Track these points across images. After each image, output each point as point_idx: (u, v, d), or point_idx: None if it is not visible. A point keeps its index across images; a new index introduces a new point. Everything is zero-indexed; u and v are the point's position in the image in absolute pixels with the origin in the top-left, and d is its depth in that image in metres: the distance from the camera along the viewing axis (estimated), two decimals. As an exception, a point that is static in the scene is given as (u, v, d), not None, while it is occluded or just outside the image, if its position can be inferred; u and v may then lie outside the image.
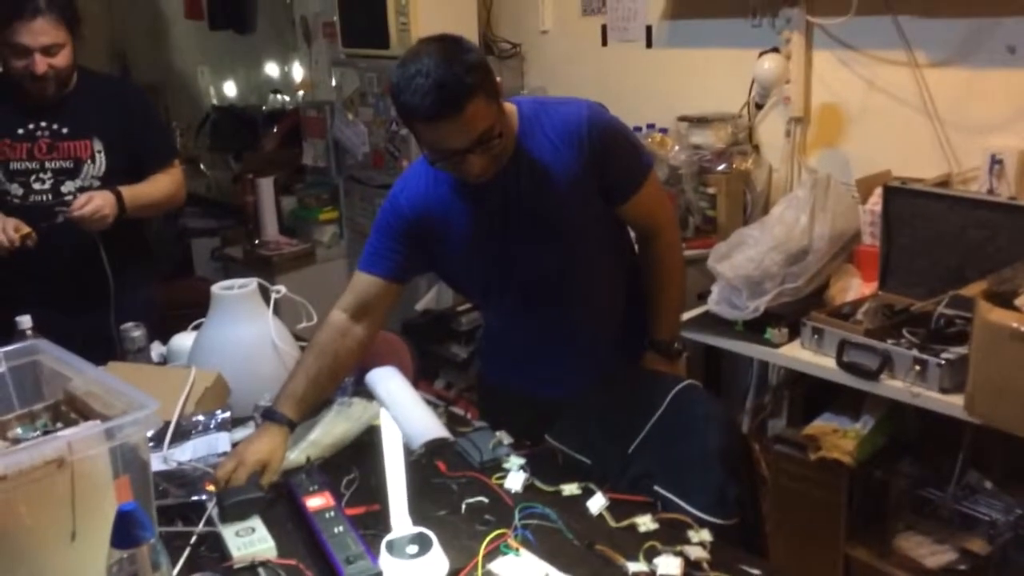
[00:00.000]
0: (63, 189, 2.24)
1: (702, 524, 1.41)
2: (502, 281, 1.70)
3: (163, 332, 2.15)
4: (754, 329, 2.24)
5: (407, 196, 1.69)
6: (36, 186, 2.22)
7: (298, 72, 4.54)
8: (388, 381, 1.39)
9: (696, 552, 1.32)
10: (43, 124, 2.22)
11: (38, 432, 1.39)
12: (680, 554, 1.31)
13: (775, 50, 2.57)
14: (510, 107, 1.62)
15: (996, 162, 2.17)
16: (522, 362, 1.79)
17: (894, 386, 1.96)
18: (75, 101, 2.25)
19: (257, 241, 3.86)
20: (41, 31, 2.10)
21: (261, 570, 1.31)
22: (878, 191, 2.27)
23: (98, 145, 2.26)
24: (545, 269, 1.66)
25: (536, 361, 1.77)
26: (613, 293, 1.77)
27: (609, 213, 1.69)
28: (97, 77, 2.38)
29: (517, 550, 1.32)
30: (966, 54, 2.25)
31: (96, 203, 2.14)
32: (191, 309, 2.09)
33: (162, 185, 2.36)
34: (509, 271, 1.68)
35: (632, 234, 1.83)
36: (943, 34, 2.28)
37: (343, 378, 1.73)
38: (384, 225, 1.71)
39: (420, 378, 2.83)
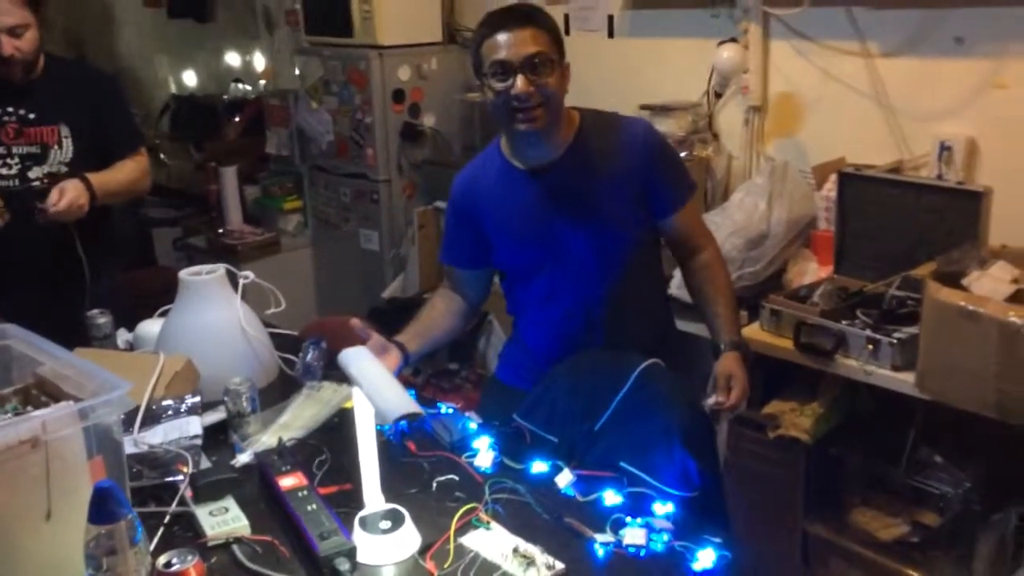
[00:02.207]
0: (30, 175, 2.22)
1: (666, 498, 1.46)
2: (540, 269, 1.82)
3: (129, 321, 2.15)
4: (715, 312, 2.29)
5: (460, 180, 1.89)
6: (3, 171, 2.20)
7: (260, 61, 4.51)
8: (360, 360, 1.41)
9: (661, 523, 1.37)
10: (10, 109, 2.21)
11: (8, 415, 1.39)
12: (645, 525, 1.36)
13: (734, 40, 2.62)
14: (573, 112, 1.79)
15: (945, 148, 2.25)
16: (543, 362, 1.84)
17: (849, 365, 2.03)
18: (42, 87, 2.24)
19: (221, 230, 3.85)
20: (5, 12, 2.08)
21: (236, 547, 1.33)
22: (833, 177, 2.34)
23: (65, 131, 2.25)
24: (587, 255, 1.78)
25: (560, 358, 1.81)
26: (645, 299, 1.88)
27: (651, 226, 1.83)
28: (64, 63, 2.38)
29: (488, 523, 1.36)
30: (916, 44, 2.33)
31: (70, 196, 2.14)
32: (153, 298, 2.10)
33: (128, 171, 2.35)
34: (548, 259, 1.80)
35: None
36: (894, 25, 2.35)
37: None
38: (448, 215, 1.93)
39: (387, 364, 2.84)
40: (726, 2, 2.68)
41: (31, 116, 2.22)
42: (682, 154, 2.70)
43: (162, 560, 1.19)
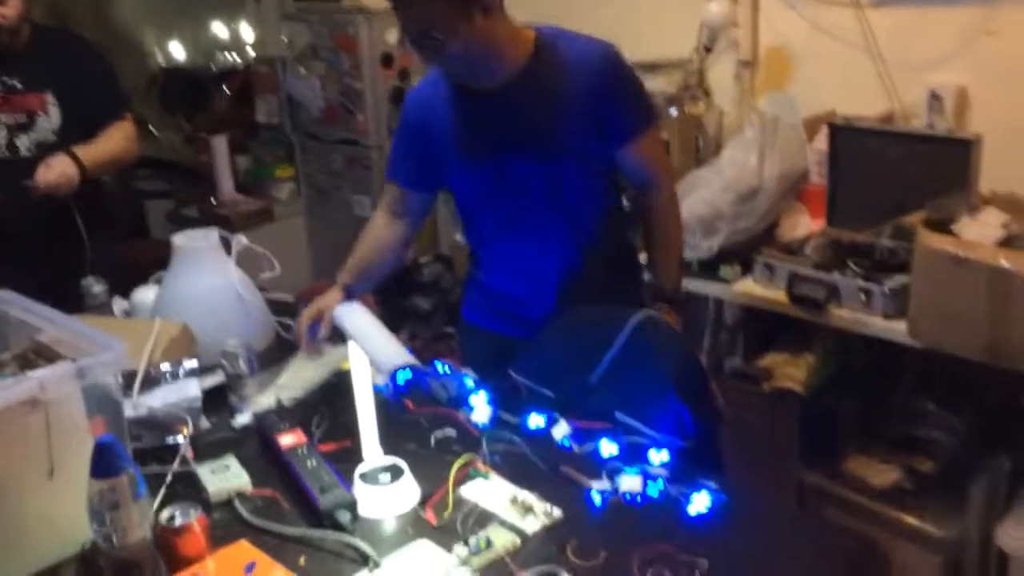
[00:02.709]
0: (18, 143, 2.22)
1: (661, 446, 1.47)
2: (492, 194, 1.76)
3: (125, 290, 2.15)
4: (709, 267, 2.31)
5: (413, 96, 1.82)
6: None
7: (246, 30, 4.47)
8: (354, 315, 1.42)
9: (656, 471, 1.38)
10: None
11: (6, 380, 1.39)
12: (641, 472, 1.37)
13: (723, -6, 2.60)
14: (527, 31, 1.69)
15: (935, 98, 2.25)
16: (504, 300, 1.84)
17: (842, 315, 2.04)
18: (28, 55, 2.23)
19: (213, 200, 3.83)
20: None
21: (238, 502, 1.35)
22: (824, 130, 2.34)
23: (51, 99, 2.24)
24: (538, 189, 1.72)
25: (519, 298, 1.82)
26: (603, 233, 1.81)
27: (608, 154, 1.74)
28: (49, 30, 2.36)
29: (486, 474, 1.38)
30: (907, -8, 2.32)
31: (58, 168, 2.13)
32: (148, 269, 2.10)
33: (115, 140, 2.35)
34: (502, 184, 1.73)
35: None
36: (885, -27, 2.34)
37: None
38: (397, 135, 1.85)
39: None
40: (715, -44, 2.65)
41: (17, 85, 2.21)
42: (671, 112, 2.70)
43: (165, 515, 1.21)
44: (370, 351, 1.31)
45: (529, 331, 1.77)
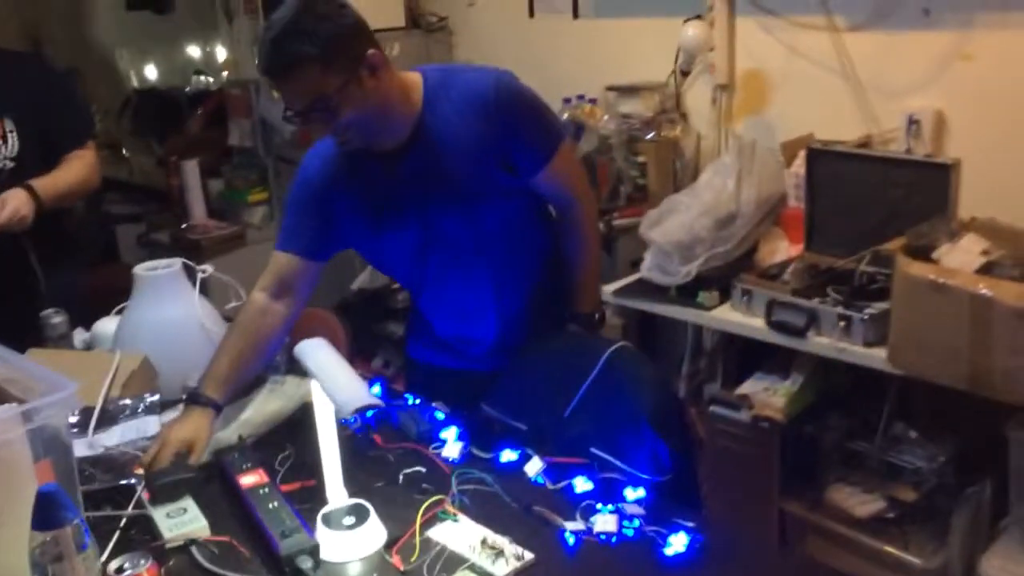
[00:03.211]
0: (-26, 170, 2.15)
1: (637, 483, 1.43)
2: (422, 250, 1.69)
3: (90, 320, 2.09)
4: (687, 294, 2.28)
5: (314, 166, 1.68)
6: None
7: (221, 52, 4.42)
8: (317, 352, 1.38)
9: (632, 509, 1.34)
10: None
11: (-47, 421, 1.33)
12: (616, 511, 1.33)
13: (699, 17, 2.59)
14: (414, 77, 1.61)
15: (913, 122, 2.23)
16: (445, 337, 1.79)
17: (821, 342, 2.01)
18: None
19: (184, 225, 3.77)
20: None
21: (194, 548, 1.29)
22: (802, 154, 2.32)
23: (9, 125, 2.18)
24: (464, 237, 1.65)
25: (459, 335, 1.77)
26: (535, 263, 1.76)
27: (523, 185, 1.68)
28: (12, 55, 2.30)
29: (455, 516, 1.32)
30: (883, 17, 2.31)
31: (12, 206, 2.06)
32: (118, 296, 2.02)
33: (76, 170, 2.27)
34: (428, 239, 1.67)
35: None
36: (860, -3, 2.33)
37: (266, 358, 1.70)
38: (294, 199, 1.71)
39: (357, 357, 2.81)
40: (691, -21, 2.64)
41: None
42: (649, 136, 2.68)
43: (114, 565, 1.15)
44: (332, 390, 1.26)
45: (474, 363, 1.75)
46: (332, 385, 1.28)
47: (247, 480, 1.41)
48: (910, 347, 1.84)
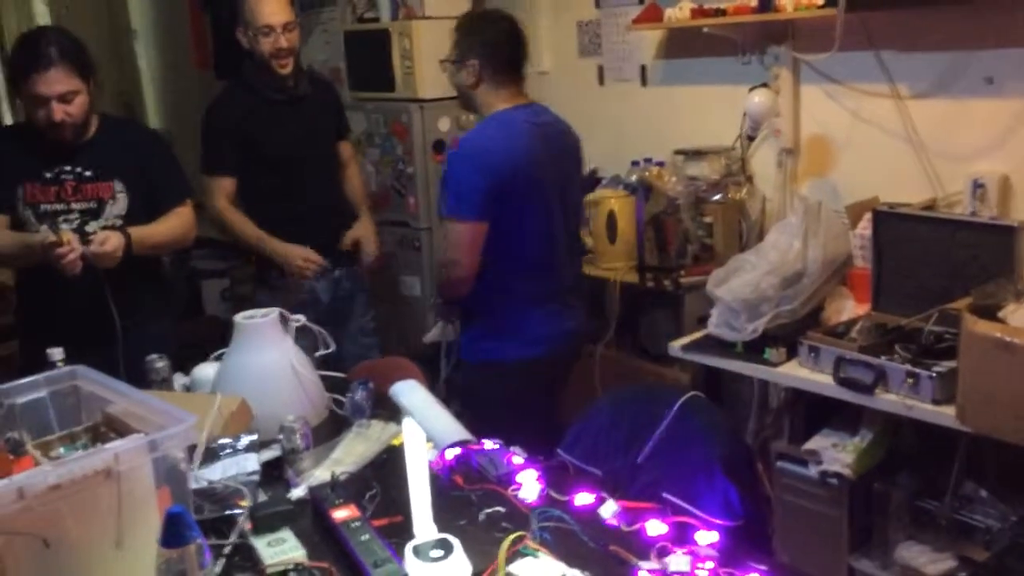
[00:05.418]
0: (88, 228, 2.34)
1: (709, 527, 1.48)
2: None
3: (178, 367, 2.23)
4: (753, 350, 2.32)
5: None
6: (64, 227, 2.32)
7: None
8: (412, 392, 1.48)
9: (705, 551, 1.39)
10: (67, 168, 2.34)
11: (79, 452, 1.46)
12: (690, 554, 1.38)
13: (764, 85, 2.69)
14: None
15: (978, 186, 2.28)
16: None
17: (889, 400, 2.04)
18: (97, 145, 2.37)
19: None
20: (56, 80, 2.22)
21: (293, 574, 1.38)
22: (867, 216, 2.37)
23: (119, 186, 2.38)
24: None
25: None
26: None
27: None
28: (117, 121, 2.52)
29: (536, 551, 1.39)
30: (946, 85, 2.38)
31: (113, 242, 2.26)
32: (202, 347, 2.18)
33: (170, 225, 2.47)
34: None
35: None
36: (923, 67, 2.41)
37: None
38: None
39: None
40: (756, 49, 2.75)
41: (87, 173, 2.35)
42: (715, 197, 2.76)
43: (226, 585, 1.25)
44: (428, 427, 1.36)
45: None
46: (429, 420, 1.37)
47: (339, 514, 1.50)
48: (979, 405, 1.86)
